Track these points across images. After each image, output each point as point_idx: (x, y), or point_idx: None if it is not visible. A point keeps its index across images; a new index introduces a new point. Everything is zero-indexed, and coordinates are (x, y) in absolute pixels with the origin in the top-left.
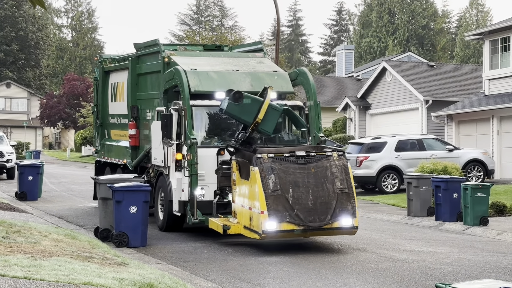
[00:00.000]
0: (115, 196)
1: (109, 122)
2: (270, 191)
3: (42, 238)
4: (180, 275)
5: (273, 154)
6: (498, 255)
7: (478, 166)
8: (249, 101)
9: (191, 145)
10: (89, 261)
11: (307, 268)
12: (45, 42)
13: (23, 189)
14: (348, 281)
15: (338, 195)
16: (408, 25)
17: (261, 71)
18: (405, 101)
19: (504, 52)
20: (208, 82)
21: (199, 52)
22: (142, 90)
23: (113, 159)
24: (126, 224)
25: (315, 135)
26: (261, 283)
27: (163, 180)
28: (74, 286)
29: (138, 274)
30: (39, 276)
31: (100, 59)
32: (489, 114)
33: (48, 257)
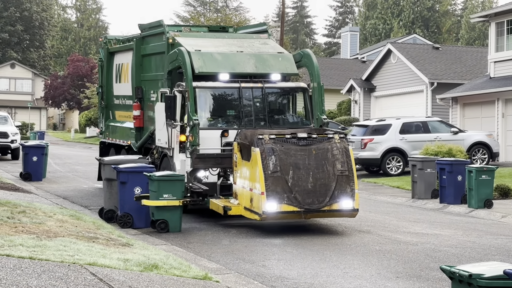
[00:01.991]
0: (119, 177)
1: (113, 103)
2: (270, 172)
3: (47, 219)
4: (184, 256)
5: (274, 136)
6: (502, 237)
7: (483, 148)
8: None
9: (193, 126)
10: (94, 241)
11: (311, 250)
12: (49, 22)
13: (28, 170)
14: (352, 263)
15: (338, 178)
16: (413, 7)
17: (265, 53)
18: (410, 84)
19: (510, 34)
20: (212, 63)
21: (203, 33)
22: (147, 71)
23: (118, 140)
24: (131, 205)
25: (318, 117)
26: (265, 265)
27: (167, 162)
28: (79, 266)
29: (142, 255)
30: (44, 257)
31: (105, 40)
32: (494, 97)
33: (53, 238)
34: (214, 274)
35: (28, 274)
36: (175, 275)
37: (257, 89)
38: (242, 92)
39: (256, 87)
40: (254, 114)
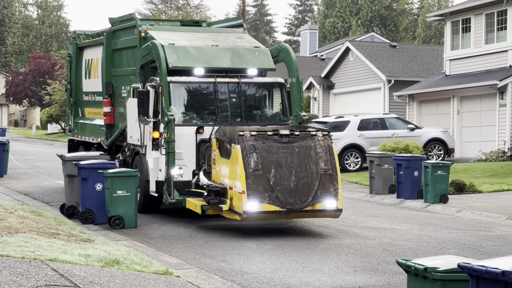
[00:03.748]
0: (81, 174)
1: (83, 100)
2: (251, 170)
3: (8, 215)
4: (145, 252)
5: (255, 132)
6: (457, 231)
7: (439, 145)
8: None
9: (168, 122)
10: (55, 237)
11: (271, 245)
12: (10, 19)
13: None
14: (311, 257)
15: (321, 176)
16: (371, 6)
17: (241, 47)
18: (368, 81)
19: (465, 33)
20: (186, 57)
21: (176, 27)
22: (118, 66)
23: (87, 138)
24: (92, 201)
25: (297, 114)
26: (225, 259)
27: (139, 160)
28: (40, 262)
29: (104, 250)
30: (5, 253)
31: (73, 35)
32: (449, 94)
33: (14, 234)
34: (175, 269)
35: None
36: (136, 270)
37: (233, 84)
38: (217, 87)
39: (232, 82)
40: (230, 110)
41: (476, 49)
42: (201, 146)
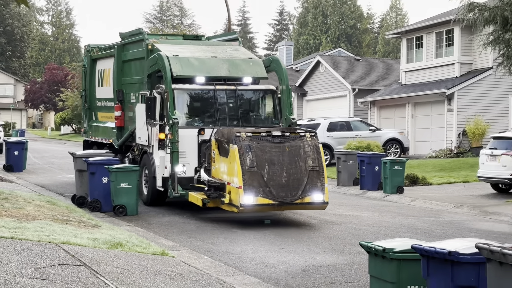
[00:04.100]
0: (89, 169)
1: (96, 105)
2: (247, 167)
3: (26, 204)
4: (145, 236)
5: (251, 133)
6: (411, 218)
7: (396, 144)
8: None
9: (172, 125)
10: (67, 223)
11: (254, 231)
12: (29, 36)
13: (10, 162)
14: (286, 240)
15: (310, 173)
16: (338, 25)
17: (237, 58)
18: (335, 89)
19: (418, 48)
20: (189, 67)
21: (180, 41)
22: (127, 75)
23: (100, 139)
24: (99, 192)
25: (287, 117)
26: (213, 242)
27: (147, 158)
28: (54, 245)
29: (109, 234)
30: (24, 236)
31: (88, 48)
32: (405, 101)
33: (32, 220)
34: (170, 251)
35: (10, 252)
36: (137, 252)
37: (230, 91)
38: (216, 93)
39: (230, 89)
40: (228, 114)
41: (428, 62)
42: (202, 146)
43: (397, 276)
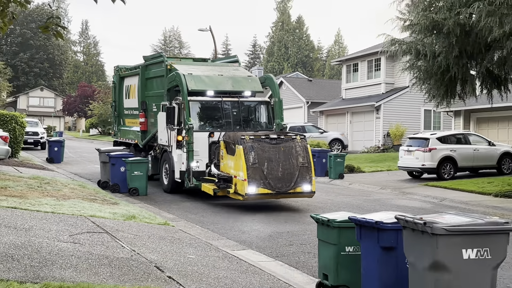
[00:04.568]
0: (111, 161)
1: (124, 113)
2: (250, 164)
3: (63, 187)
4: (152, 210)
5: (253, 136)
6: (349, 197)
7: (338, 142)
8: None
9: (188, 129)
10: (94, 201)
11: (233, 207)
12: (65, 62)
13: (51, 156)
14: (259, 215)
15: (300, 168)
16: (296, 55)
17: (238, 76)
18: (294, 102)
19: (354, 72)
20: (201, 83)
21: (191, 62)
22: (149, 89)
23: (127, 140)
24: (118, 178)
25: (279, 123)
26: (203, 215)
27: (166, 156)
28: (83, 217)
29: (125, 209)
30: (61, 211)
31: (117, 69)
32: (345, 111)
33: (67, 199)
34: (171, 222)
35: (51, 222)
36: (146, 222)
37: (234, 102)
38: (223, 104)
39: (233, 101)
40: (232, 120)
41: (362, 82)
42: (212, 146)
43: (338, 239)
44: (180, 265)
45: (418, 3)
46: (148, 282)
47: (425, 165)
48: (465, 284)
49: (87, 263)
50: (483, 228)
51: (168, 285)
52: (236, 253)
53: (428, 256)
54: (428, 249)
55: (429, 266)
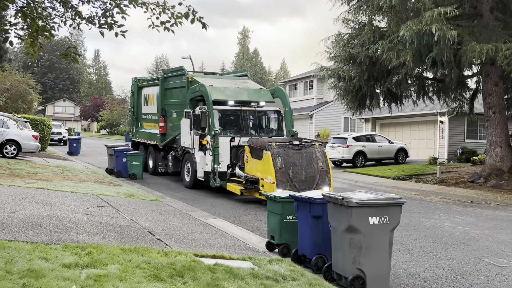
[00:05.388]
0: (115, 153)
1: (142, 117)
2: (278, 168)
3: (80, 173)
4: (146, 190)
5: (278, 143)
6: None
7: None
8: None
9: (214, 135)
10: (102, 184)
11: (209, 189)
12: (82, 80)
13: (71, 150)
14: (228, 195)
15: (320, 172)
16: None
17: (251, 88)
18: None
19: (295, 90)
20: (221, 94)
21: (207, 75)
22: (168, 98)
23: (146, 140)
24: (121, 166)
25: (290, 130)
26: (185, 194)
27: (189, 156)
28: (95, 195)
29: (126, 190)
30: (78, 191)
31: (135, 79)
32: None
33: (83, 182)
34: (161, 198)
35: (70, 199)
36: (142, 199)
37: (251, 111)
38: (242, 113)
39: (251, 110)
40: (250, 126)
41: (300, 97)
42: (232, 150)
43: (282, 210)
44: (166, 230)
45: (339, 40)
46: (142, 243)
47: (344, 157)
48: (371, 241)
49: (97, 229)
50: (384, 202)
51: (158, 244)
52: (208, 221)
53: (345, 222)
54: (345, 217)
55: (345, 229)
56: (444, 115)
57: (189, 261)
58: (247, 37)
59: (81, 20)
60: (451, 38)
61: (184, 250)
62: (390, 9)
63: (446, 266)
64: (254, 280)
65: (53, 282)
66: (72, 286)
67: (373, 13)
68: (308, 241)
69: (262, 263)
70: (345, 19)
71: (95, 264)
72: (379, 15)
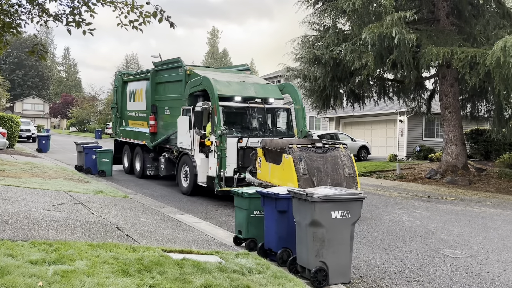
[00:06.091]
0: (85, 150)
1: (127, 115)
2: (301, 174)
3: (49, 170)
4: (115, 187)
5: (300, 145)
6: None
7: None
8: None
9: (221, 135)
10: (71, 180)
11: (171, 185)
12: (52, 77)
13: (40, 147)
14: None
15: (347, 178)
16: None
17: (258, 83)
18: None
19: None
20: (226, 88)
21: (204, 68)
22: (161, 94)
23: (132, 140)
24: (90, 163)
25: (303, 130)
26: (154, 190)
27: (187, 159)
28: (63, 192)
29: (95, 186)
30: (46, 187)
31: (120, 73)
32: None
33: (51, 179)
34: (130, 195)
35: (38, 195)
36: (111, 196)
37: (259, 108)
38: (250, 110)
39: (259, 107)
40: (258, 126)
41: None
42: (239, 152)
43: (249, 206)
44: (135, 226)
45: (305, 42)
46: (111, 238)
47: None
48: (333, 235)
49: (65, 226)
50: (345, 197)
51: (126, 240)
52: (177, 217)
53: (309, 216)
54: (309, 211)
55: (309, 223)
56: (404, 114)
57: (157, 256)
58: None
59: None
60: (410, 41)
61: (153, 245)
62: (353, 13)
63: (404, 258)
64: (221, 273)
65: (19, 278)
66: (39, 282)
67: (337, 16)
68: (274, 235)
69: (229, 257)
70: (311, 21)
71: (62, 260)
72: (342, 18)
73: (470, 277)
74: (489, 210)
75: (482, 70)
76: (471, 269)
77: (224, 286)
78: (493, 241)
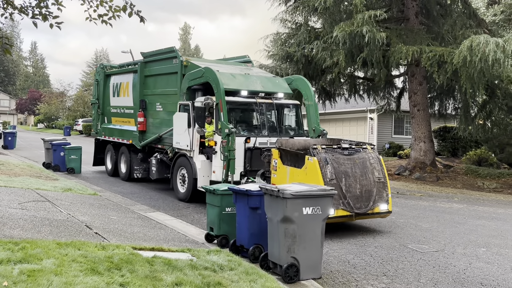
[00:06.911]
0: (53, 147)
1: (110, 111)
2: (328, 179)
3: (15, 167)
4: (85, 184)
5: (325, 146)
6: None
7: None
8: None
9: (229, 134)
10: (39, 178)
11: (147, 182)
12: (18, 72)
13: (6, 144)
14: (167, 188)
15: (377, 184)
16: None
17: (264, 76)
18: None
19: None
20: (232, 81)
21: (204, 59)
22: (149, 88)
23: (117, 139)
24: (59, 160)
25: (316, 128)
26: (124, 188)
27: (185, 161)
28: (30, 190)
29: (64, 184)
30: (12, 185)
31: (101, 66)
32: None
33: (18, 176)
34: (99, 192)
35: (4, 194)
36: (80, 193)
37: (268, 104)
38: (258, 106)
39: (268, 103)
40: (267, 124)
41: None
42: (247, 153)
43: (220, 203)
44: (105, 224)
45: (277, 39)
46: (80, 237)
47: None
48: (304, 231)
49: (32, 224)
50: (316, 193)
51: (95, 238)
52: (148, 215)
53: (280, 212)
54: (281, 208)
55: (281, 220)
56: (374, 112)
57: (127, 254)
58: (188, 33)
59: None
60: (380, 40)
61: (123, 243)
62: (324, 11)
63: (374, 253)
64: (192, 271)
65: None
66: (4, 282)
67: (309, 14)
68: (246, 232)
69: (201, 254)
70: (283, 19)
71: (29, 259)
72: (314, 16)
73: (437, 271)
74: (455, 206)
75: (449, 69)
76: (438, 263)
77: (195, 283)
78: (459, 235)
